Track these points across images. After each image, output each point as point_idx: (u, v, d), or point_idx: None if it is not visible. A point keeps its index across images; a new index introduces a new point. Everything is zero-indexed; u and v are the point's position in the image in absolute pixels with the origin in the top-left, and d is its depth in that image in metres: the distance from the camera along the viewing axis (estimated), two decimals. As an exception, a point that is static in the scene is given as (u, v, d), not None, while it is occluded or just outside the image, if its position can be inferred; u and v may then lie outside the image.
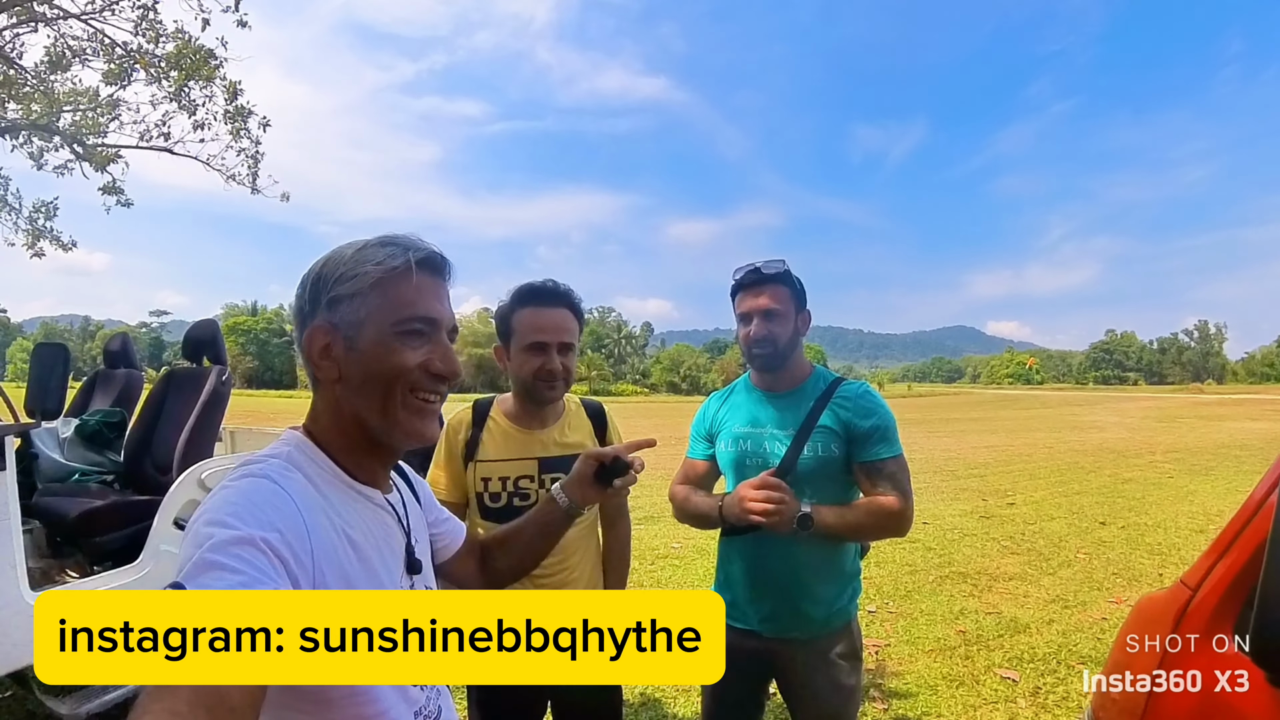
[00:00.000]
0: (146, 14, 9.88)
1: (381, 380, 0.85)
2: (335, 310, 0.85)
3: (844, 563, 1.79)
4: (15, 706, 3.03)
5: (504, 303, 1.75)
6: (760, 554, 1.76)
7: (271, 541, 0.69)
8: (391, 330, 0.85)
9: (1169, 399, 44.36)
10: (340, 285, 0.85)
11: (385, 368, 0.84)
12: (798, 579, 1.73)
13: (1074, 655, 3.73)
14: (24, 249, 12.13)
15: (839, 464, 1.71)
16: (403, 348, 0.85)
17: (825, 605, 1.75)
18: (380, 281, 0.85)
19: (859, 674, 1.81)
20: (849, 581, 1.81)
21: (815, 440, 1.70)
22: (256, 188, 11.87)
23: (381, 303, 0.85)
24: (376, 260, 0.85)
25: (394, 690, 0.85)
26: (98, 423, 3.71)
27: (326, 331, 0.86)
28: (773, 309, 1.72)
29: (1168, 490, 9.00)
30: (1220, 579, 1.11)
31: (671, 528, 6.64)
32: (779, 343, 1.73)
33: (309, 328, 0.87)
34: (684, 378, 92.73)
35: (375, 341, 0.84)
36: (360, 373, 0.85)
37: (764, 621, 1.77)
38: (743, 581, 1.80)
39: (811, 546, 1.68)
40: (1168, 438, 16.50)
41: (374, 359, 0.84)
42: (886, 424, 1.71)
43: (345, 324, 0.85)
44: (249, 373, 76.68)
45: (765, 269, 1.73)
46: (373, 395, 0.85)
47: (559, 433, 1.80)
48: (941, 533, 6.69)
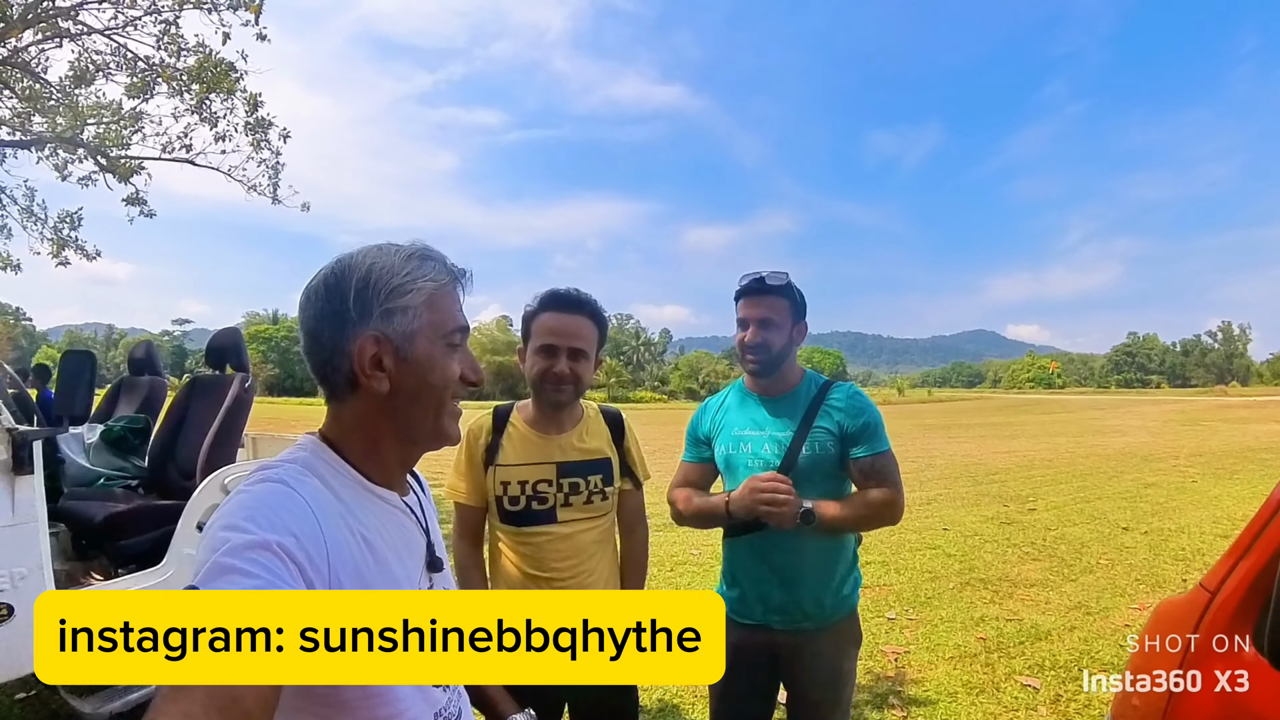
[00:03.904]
0: (168, 29, 10.04)
1: (435, 390, 0.89)
2: (389, 322, 0.85)
3: (846, 554, 1.89)
4: (39, 706, 3.09)
5: (530, 306, 1.80)
6: (765, 550, 1.84)
7: (287, 546, 0.70)
8: (442, 342, 0.89)
9: (1192, 402, 43.59)
10: (396, 298, 0.86)
11: (439, 378, 0.89)
12: (804, 572, 1.81)
13: (1096, 663, 3.67)
14: (49, 258, 12.36)
15: (834, 461, 1.81)
16: (449, 359, 0.90)
17: (832, 594, 1.84)
18: (432, 296, 0.88)
19: (856, 659, 1.94)
20: (850, 571, 1.90)
21: (812, 440, 1.80)
22: (277, 198, 11.98)
23: (432, 316, 0.88)
24: (428, 275, 0.88)
25: (414, 691, 0.86)
26: (123, 428, 3.78)
27: (378, 342, 0.85)
28: (769, 318, 1.82)
29: (1191, 495, 8.84)
30: (1239, 582, 1.10)
31: (690, 534, 6.61)
32: (771, 350, 1.83)
33: (356, 338, 0.85)
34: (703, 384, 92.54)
35: (428, 354, 0.88)
36: (415, 383, 0.88)
37: (772, 615, 1.84)
38: (749, 578, 1.88)
39: (815, 540, 1.78)
40: (1191, 441, 16.21)
41: (428, 370, 0.88)
42: (876, 422, 1.81)
43: (399, 335, 0.86)
44: (270, 380, 77.52)
45: (769, 280, 1.81)
46: (428, 404, 0.89)
47: (577, 438, 1.83)
48: (962, 539, 6.63)
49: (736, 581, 1.91)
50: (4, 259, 12.17)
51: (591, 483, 1.80)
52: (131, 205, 11.71)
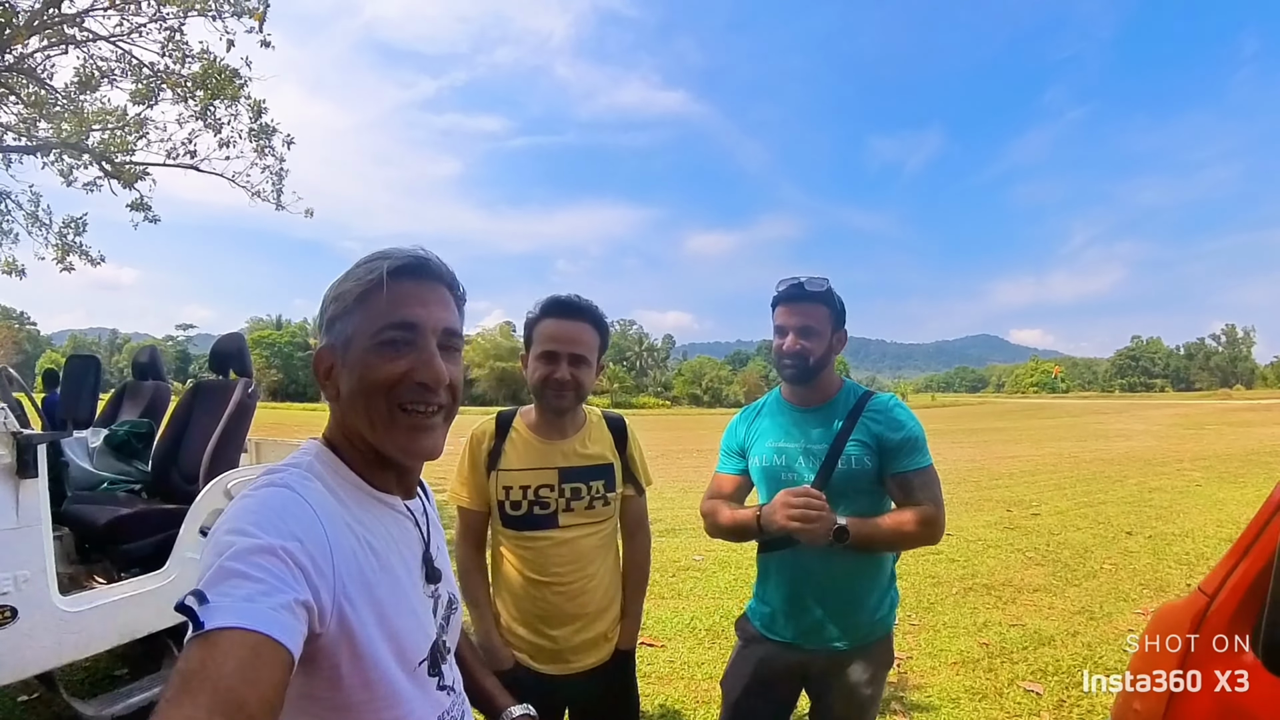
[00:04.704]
0: (173, 36, 10.13)
1: (363, 394, 0.84)
2: (332, 331, 0.87)
3: (882, 573, 1.81)
4: (42, 708, 3.09)
5: (532, 312, 1.79)
6: (799, 567, 1.78)
7: (291, 550, 0.70)
8: (370, 343, 0.84)
9: (1197, 405, 43.53)
10: (333, 306, 0.87)
11: (366, 382, 0.83)
12: (838, 591, 1.75)
13: (1099, 668, 3.67)
14: (54, 263, 12.40)
15: (871, 476, 1.73)
16: (380, 360, 0.83)
17: (868, 615, 1.77)
18: (361, 296, 0.84)
19: (885, 681, 1.87)
20: (887, 591, 1.83)
21: (848, 454, 1.72)
22: (281, 204, 12.03)
23: (363, 317, 0.84)
24: (357, 276, 0.85)
25: (418, 693, 0.86)
26: (126, 433, 3.79)
27: (330, 352, 0.87)
28: (809, 326, 1.75)
29: (1196, 499, 8.82)
30: (1237, 584, 1.10)
31: (693, 540, 6.63)
32: (810, 359, 1.76)
33: (318, 350, 0.89)
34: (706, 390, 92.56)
35: (357, 357, 0.84)
36: (349, 389, 0.85)
37: (804, 634, 1.79)
38: (782, 595, 1.82)
39: (849, 558, 1.70)
40: (1195, 445, 16.18)
41: (357, 374, 0.84)
42: (916, 436, 1.74)
43: (340, 343, 0.86)
44: (273, 386, 77.67)
45: (808, 285, 1.76)
46: (359, 410, 0.85)
47: (579, 443, 1.83)
48: (965, 544, 6.61)
49: (768, 598, 1.87)
50: (9, 264, 12.20)
51: (594, 488, 1.81)
52: (136, 211, 11.77)
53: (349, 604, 0.76)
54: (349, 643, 0.76)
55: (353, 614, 0.76)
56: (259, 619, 0.62)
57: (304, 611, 0.68)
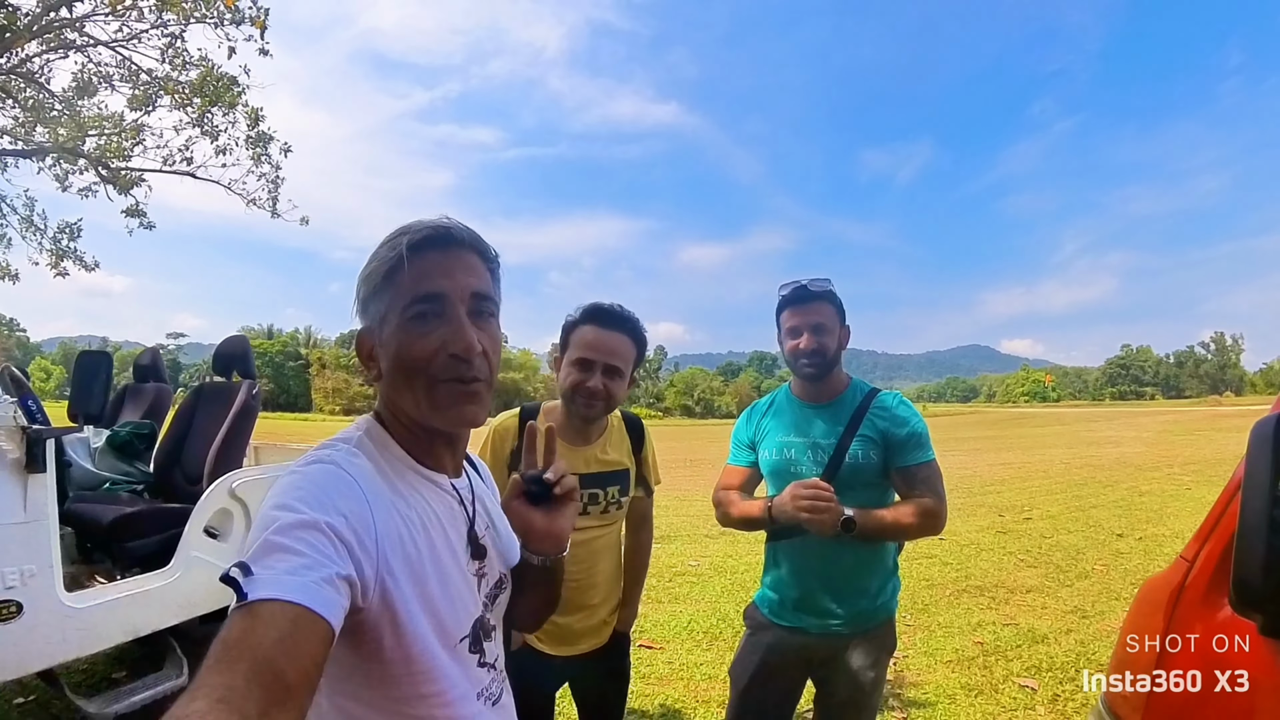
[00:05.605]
0: (173, 42, 10.19)
1: (401, 371, 0.85)
2: (367, 312, 0.88)
3: (885, 562, 1.90)
4: (39, 711, 3.08)
5: (572, 316, 1.79)
6: (805, 556, 1.86)
7: (336, 526, 0.71)
8: (401, 319, 0.84)
9: (1187, 412, 43.76)
10: (364, 288, 0.88)
11: (402, 359, 0.84)
12: (843, 578, 1.83)
13: (1093, 663, 3.70)
14: (48, 269, 12.36)
15: (877, 469, 1.82)
16: (413, 335, 0.84)
17: (870, 600, 1.85)
18: (388, 274, 0.85)
19: (888, 665, 1.96)
20: (890, 578, 1.91)
21: (856, 448, 1.81)
22: (277, 211, 12.08)
23: (392, 295, 0.85)
24: (381, 256, 0.86)
25: (458, 669, 0.87)
26: (128, 434, 3.80)
27: (368, 335, 0.89)
28: (820, 323, 1.84)
29: (1186, 501, 8.90)
30: (1214, 548, 1.17)
31: (689, 546, 6.66)
32: (827, 354, 1.85)
33: (359, 335, 0.90)
34: (698, 401, 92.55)
35: (391, 335, 0.85)
36: (388, 367, 0.87)
37: (809, 619, 1.86)
38: (790, 582, 1.90)
39: (854, 547, 1.78)
40: (1185, 450, 16.27)
41: (393, 352, 0.85)
42: (921, 432, 1.83)
43: (376, 324, 0.87)
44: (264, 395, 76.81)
45: (812, 286, 1.84)
46: (401, 387, 0.86)
47: (600, 450, 1.86)
48: (958, 547, 6.66)
49: (776, 585, 1.94)
50: (2, 269, 12.17)
51: (610, 494, 1.84)
52: (131, 217, 11.78)
53: (391, 579, 0.77)
54: (391, 618, 0.77)
55: (395, 589, 0.77)
56: (301, 592, 0.63)
57: (346, 586, 0.69)
